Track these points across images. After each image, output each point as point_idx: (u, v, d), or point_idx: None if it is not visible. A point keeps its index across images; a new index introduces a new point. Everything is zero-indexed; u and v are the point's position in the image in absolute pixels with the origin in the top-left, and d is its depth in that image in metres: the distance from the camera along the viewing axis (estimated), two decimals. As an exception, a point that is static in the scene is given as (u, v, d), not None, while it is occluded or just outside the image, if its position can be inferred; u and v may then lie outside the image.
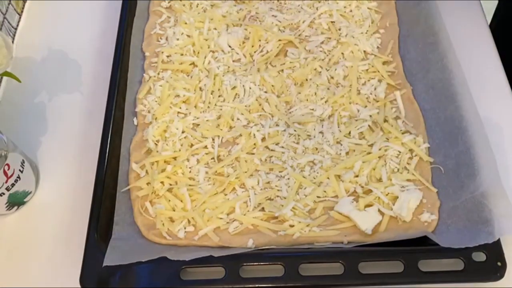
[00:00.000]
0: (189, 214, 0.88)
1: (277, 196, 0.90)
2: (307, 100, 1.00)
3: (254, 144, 0.95)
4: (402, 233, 0.85)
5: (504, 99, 1.03)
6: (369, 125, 0.96)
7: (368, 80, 1.02)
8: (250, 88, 1.01)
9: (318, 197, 0.90)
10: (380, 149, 0.93)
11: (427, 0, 1.06)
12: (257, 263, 0.83)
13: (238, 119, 0.99)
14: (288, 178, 0.91)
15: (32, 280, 0.88)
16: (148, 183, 0.91)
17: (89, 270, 0.82)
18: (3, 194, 0.88)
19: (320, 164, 0.93)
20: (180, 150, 0.95)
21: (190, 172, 0.93)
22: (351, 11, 1.11)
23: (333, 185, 0.90)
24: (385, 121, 0.96)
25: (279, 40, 1.07)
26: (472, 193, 0.85)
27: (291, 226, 0.86)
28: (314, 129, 0.96)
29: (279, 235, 0.86)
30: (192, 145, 0.96)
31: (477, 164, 0.86)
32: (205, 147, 0.95)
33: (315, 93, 1.00)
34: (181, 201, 0.90)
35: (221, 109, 1.00)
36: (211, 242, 0.86)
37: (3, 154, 0.85)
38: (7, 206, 0.91)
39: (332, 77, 1.02)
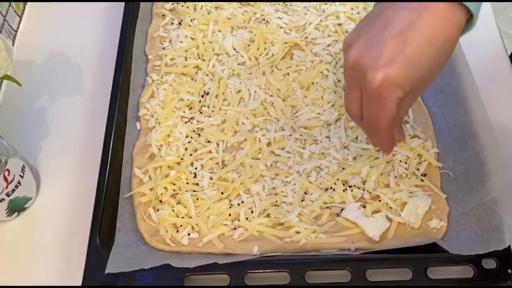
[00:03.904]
0: (193, 221, 0.87)
1: (283, 202, 0.89)
2: (313, 104, 0.99)
3: (259, 149, 0.94)
4: (411, 239, 0.84)
5: (514, 103, 1.02)
6: (376, 129, 0.94)
7: (376, 84, 1.00)
8: (255, 91, 1.00)
9: (324, 203, 0.88)
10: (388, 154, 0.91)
11: (436, 2, 1.05)
12: (262, 271, 0.82)
13: (243, 123, 0.97)
14: (294, 184, 0.90)
15: None
16: (151, 189, 0.90)
17: (91, 277, 0.81)
18: (3, 200, 0.87)
19: (327, 169, 0.91)
20: (184, 155, 0.94)
21: (194, 177, 0.92)
22: (358, 13, 1.10)
23: (340, 190, 0.89)
24: (393, 125, 0.95)
25: (285, 42, 1.06)
26: (482, 199, 0.84)
27: (297, 232, 0.85)
28: (321, 134, 0.95)
29: (284, 241, 0.85)
30: (196, 150, 0.94)
31: (487, 170, 0.86)
32: (210, 152, 0.94)
33: (322, 97, 0.99)
34: (185, 207, 0.89)
35: (225, 113, 0.98)
36: (216, 249, 0.85)
37: (3, 159, 0.84)
38: (7, 212, 0.90)
39: (339, 81, 1.01)
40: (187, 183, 0.91)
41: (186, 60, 1.05)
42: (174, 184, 0.91)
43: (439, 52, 0.67)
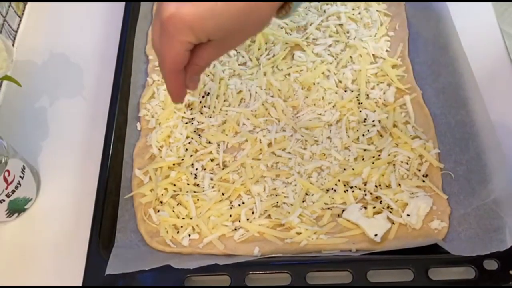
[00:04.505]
0: (194, 222, 0.87)
1: (284, 203, 0.89)
2: (314, 104, 0.98)
3: (260, 149, 0.94)
4: (412, 240, 0.84)
5: (516, 104, 1.02)
6: (378, 130, 0.94)
7: (377, 84, 1.00)
8: (256, 92, 1.00)
9: (325, 204, 0.88)
10: (389, 155, 0.91)
11: (437, 2, 1.05)
12: (263, 272, 0.82)
13: (243, 124, 0.97)
14: (295, 185, 0.90)
15: (33, 289, 0.87)
16: (151, 190, 0.90)
17: (91, 278, 0.81)
18: (3, 201, 0.87)
19: (328, 170, 0.91)
20: (184, 156, 0.93)
21: (194, 178, 0.92)
22: (359, 13, 1.09)
23: (341, 191, 0.89)
24: (395, 126, 0.94)
25: (286, 43, 1.06)
26: (484, 200, 0.84)
27: (298, 233, 0.85)
28: (322, 134, 0.95)
29: (285, 242, 0.85)
30: (196, 151, 0.94)
31: (489, 171, 0.86)
32: (210, 152, 0.94)
33: (323, 98, 0.99)
34: (186, 208, 0.88)
35: (226, 114, 0.98)
36: (216, 250, 0.85)
37: (3, 160, 0.83)
38: (7, 213, 0.90)
39: (340, 81, 1.01)
40: (188, 184, 0.91)
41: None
42: (174, 185, 0.91)
43: (246, 17, 0.65)
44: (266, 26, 0.70)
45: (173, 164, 0.93)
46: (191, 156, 0.94)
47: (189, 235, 0.86)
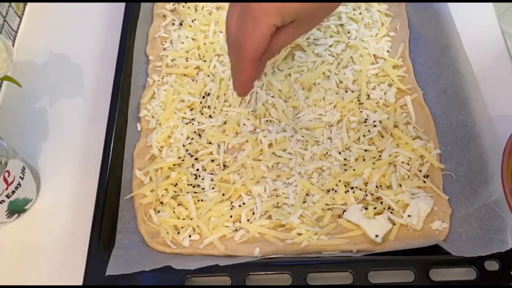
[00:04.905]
0: (194, 222, 0.86)
1: (285, 204, 0.88)
2: (315, 105, 0.98)
3: (261, 150, 0.93)
4: (413, 241, 0.84)
5: (517, 104, 1.02)
6: (378, 131, 0.94)
7: (378, 85, 1.00)
8: (256, 92, 0.99)
9: (326, 204, 0.88)
10: (390, 155, 0.91)
11: (438, 3, 1.05)
12: (264, 272, 0.82)
13: (244, 124, 0.97)
14: (296, 185, 0.90)
15: (33, 290, 0.87)
16: (152, 190, 0.90)
17: (91, 279, 0.81)
18: (3, 201, 0.86)
19: (329, 170, 0.91)
20: (184, 157, 0.93)
21: (195, 179, 0.91)
22: (360, 13, 1.09)
23: (341, 192, 0.88)
24: (395, 126, 0.94)
25: (286, 43, 1.05)
26: (485, 201, 0.83)
27: (299, 234, 0.85)
28: (322, 135, 0.95)
29: (286, 243, 0.85)
30: (197, 151, 0.94)
31: (490, 171, 0.85)
32: (211, 153, 0.94)
33: (323, 98, 0.98)
34: (186, 208, 0.88)
35: (226, 114, 0.98)
36: (217, 251, 0.85)
37: (3, 160, 0.83)
38: (7, 214, 0.90)
39: (341, 82, 1.00)
40: (188, 184, 0.91)
41: (187, 61, 1.05)
42: (175, 185, 0.91)
43: None
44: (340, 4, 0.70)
45: (174, 165, 0.93)
46: (191, 156, 0.93)
47: (190, 236, 0.86)
